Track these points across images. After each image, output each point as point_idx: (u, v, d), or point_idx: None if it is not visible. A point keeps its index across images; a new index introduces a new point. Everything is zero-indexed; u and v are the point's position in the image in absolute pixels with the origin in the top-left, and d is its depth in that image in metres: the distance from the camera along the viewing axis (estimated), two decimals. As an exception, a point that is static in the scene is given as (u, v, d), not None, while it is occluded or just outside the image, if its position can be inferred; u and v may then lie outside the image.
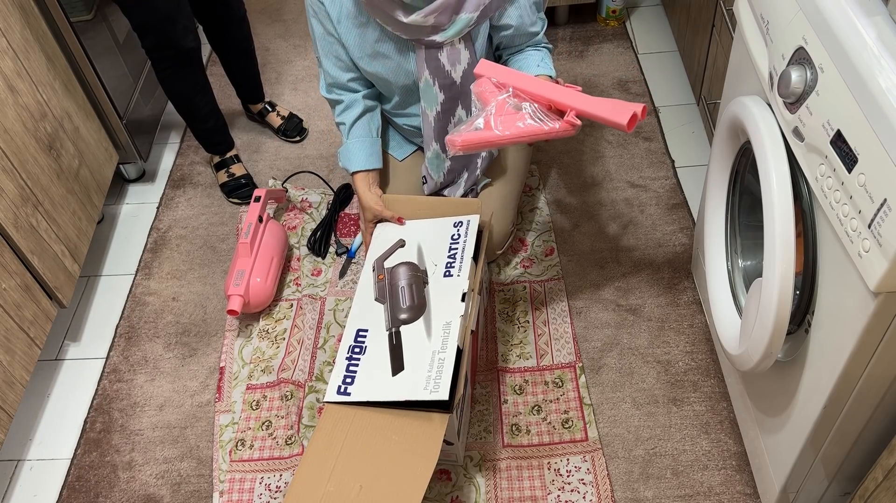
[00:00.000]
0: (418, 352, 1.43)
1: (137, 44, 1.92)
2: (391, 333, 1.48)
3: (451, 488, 1.53)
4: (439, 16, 1.48)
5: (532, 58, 1.65)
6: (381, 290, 1.57)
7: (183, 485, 1.61)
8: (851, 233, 0.95)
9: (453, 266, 1.56)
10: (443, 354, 1.40)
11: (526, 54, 1.66)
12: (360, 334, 1.50)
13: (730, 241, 1.45)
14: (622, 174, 2.08)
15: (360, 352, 1.47)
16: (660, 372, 1.67)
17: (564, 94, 1.34)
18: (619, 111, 1.29)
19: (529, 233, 1.96)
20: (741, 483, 1.49)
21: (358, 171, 1.73)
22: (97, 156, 2.00)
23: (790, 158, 1.11)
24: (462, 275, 1.53)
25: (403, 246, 1.65)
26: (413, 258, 1.61)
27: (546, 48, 1.69)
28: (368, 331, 1.50)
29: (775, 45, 1.15)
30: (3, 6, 1.66)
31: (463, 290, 1.50)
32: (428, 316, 1.48)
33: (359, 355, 1.46)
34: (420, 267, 1.59)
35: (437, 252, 1.60)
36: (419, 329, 1.47)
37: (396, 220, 1.70)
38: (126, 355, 1.84)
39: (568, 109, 1.34)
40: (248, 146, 2.32)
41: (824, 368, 1.09)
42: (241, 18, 2.09)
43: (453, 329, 1.44)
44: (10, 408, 1.58)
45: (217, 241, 2.07)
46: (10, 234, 1.59)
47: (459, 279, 1.53)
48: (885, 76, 0.89)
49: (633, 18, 2.60)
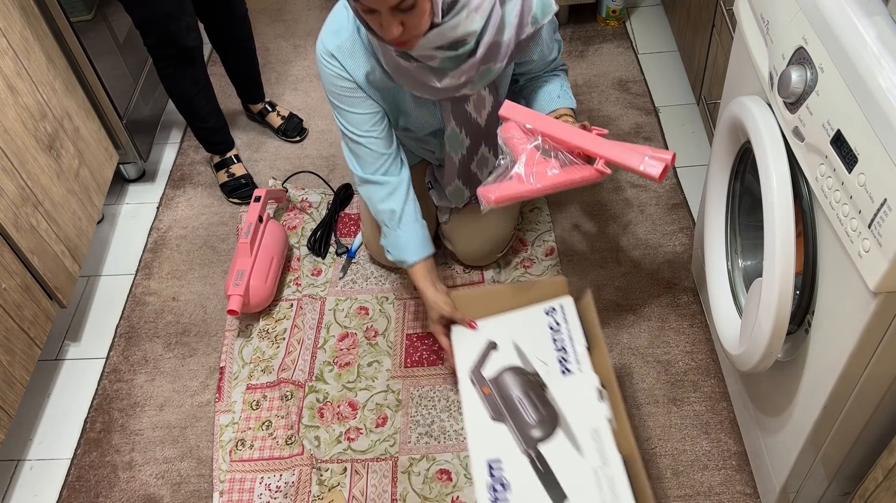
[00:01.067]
0: (575, 472, 1.21)
1: (137, 44, 1.92)
2: (532, 457, 1.25)
3: (451, 488, 1.53)
4: (469, 72, 1.40)
5: (552, 88, 1.58)
6: (495, 407, 1.34)
7: (183, 485, 1.61)
8: (851, 233, 0.95)
9: (568, 361, 1.35)
10: (607, 470, 1.19)
11: (545, 82, 1.59)
12: (494, 467, 1.26)
13: (730, 240, 1.45)
14: (622, 174, 2.08)
15: (505, 489, 1.23)
16: (660, 372, 1.67)
17: (593, 142, 1.31)
18: (650, 162, 1.26)
19: (529, 233, 1.96)
20: (741, 483, 1.49)
21: (417, 261, 1.56)
22: (97, 156, 2.00)
23: (790, 158, 1.11)
24: (584, 369, 1.33)
25: (496, 348, 1.44)
26: (514, 360, 1.39)
27: (563, 70, 1.63)
28: (501, 460, 1.26)
29: (775, 45, 1.15)
30: (3, 6, 1.66)
31: (596, 387, 1.29)
32: (566, 426, 1.26)
33: (505, 494, 1.22)
34: (527, 369, 1.37)
35: (539, 348, 1.39)
36: (563, 444, 1.24)
37: (468, 324, 1.52)
38: (126, 355, 1.84)
39: (598, 157, 1.30)
40: (248, 146, 2.32)
41: (824, 368, 1.09)
42: (243, 17, 2.09)
43: (605, 436, 1.22)
44: (10, 408, 1.58)
45: (217, 241, 2.07)
46: (10, 233, 1.59)
47: (584, 375, 1.32)
48: (885, 76, 0.89)
49: (633, 18, 2.60)
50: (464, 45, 1.34)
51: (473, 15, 1.29)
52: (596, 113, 2.26)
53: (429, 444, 1.60)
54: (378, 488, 1.54)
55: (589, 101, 2.30)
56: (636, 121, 2.22)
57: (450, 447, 1.59)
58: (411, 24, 1.24)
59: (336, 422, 1.66)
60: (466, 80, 1.42)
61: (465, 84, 1.43)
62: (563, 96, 1.57)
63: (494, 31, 1.35)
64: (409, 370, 1.72)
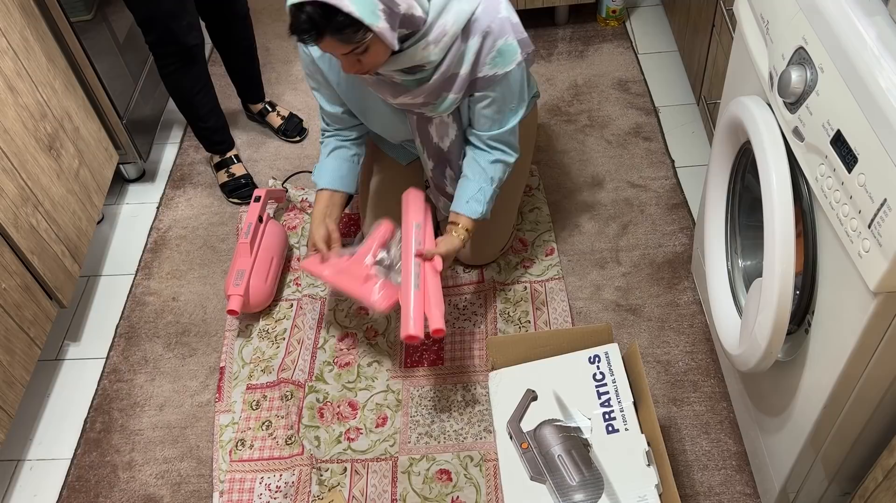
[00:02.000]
0: None
1: (137, 44, 1.92)
2: None
3: (451, 488, 1.53)
4: (426, 95, 1.46)
5: (469, 188, 1.58)
6: (534, 465, 1.25)
7: (183, 485, 1.61)
8: (851, 233, 0.95)
9: (613, 417, 1.25)
10: None
11: (472, 172, 1.58)
12: None
13: (730, 241, 1.45)
14: (622, 174, 2.08)
15: None
16: (660, 372, 1.67)
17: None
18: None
19: (529, 233, 1.96)
20: (741, 483, 1.49)
21: (323, 188, 1.67)
22: (97, 156, 2.00)
23: (790, 158, 1.11)
24: (631, 428, 1.24)
25: (536, 399, 1.34)
26: (555, 413, 1.30)
27: (502, 163, 1.59)
28: None
29: (775, 45, 1.15)
30: (3, 6, 1.66)
31: (644, 450, 1.21)
32: (611, 492, 1.18)
33: None
34: (568, 424, 1.28)
35: (582, 401, 1.30)
36: None
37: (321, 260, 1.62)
38: (126, 355, 1.84)
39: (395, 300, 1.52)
40: (248, 146, 2.32)
41: (824, 368, 1.09)
42: (244, 16, 2.10)
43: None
44: (10, 408, 1.58)
45: (217, 241, 2.07)
46: (10, 233, 1.59)
47: (630, 434, 1.23)
48: (885, 76, 0.89)
49: (633, 18, 2.60)
50: (421, 71, 1.41)
51: (431, 47, 1.36)
52: (596, 113, 2.26)
53: (429, 444, 1.60)
54: (378, 488, 1.54)
55: (589, 101, 2.30)
56: (636, 121, 2.22)
57: (450, 447, 1.59)
58: (368, 62, 1.32)
59: (336, 422, 1.66)
60: (424, 102, 1.47)
61: (423, 104, 1.49)
62: (471, 203, 1.58)
63: (452, 63, 1.41)
64: (409, 370, 1.72)
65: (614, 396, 1.30)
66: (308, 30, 1.24)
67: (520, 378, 1.41)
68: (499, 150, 1.58)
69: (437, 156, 1.65)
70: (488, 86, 1.47)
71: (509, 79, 1.47)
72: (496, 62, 1.43)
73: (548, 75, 2.40)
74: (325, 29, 1.24)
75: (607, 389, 1.31)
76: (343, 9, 1.21)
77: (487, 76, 1.45)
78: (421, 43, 1.35)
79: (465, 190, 1.60)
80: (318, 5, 1.22)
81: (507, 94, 1.50)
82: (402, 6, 1.27)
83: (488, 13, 1.40)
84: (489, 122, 1.54)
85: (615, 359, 1.35)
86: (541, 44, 2.52)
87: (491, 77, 1.45)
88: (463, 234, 1.58)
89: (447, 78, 1.43)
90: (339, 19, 1.23)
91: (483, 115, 1.53)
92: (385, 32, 1.26)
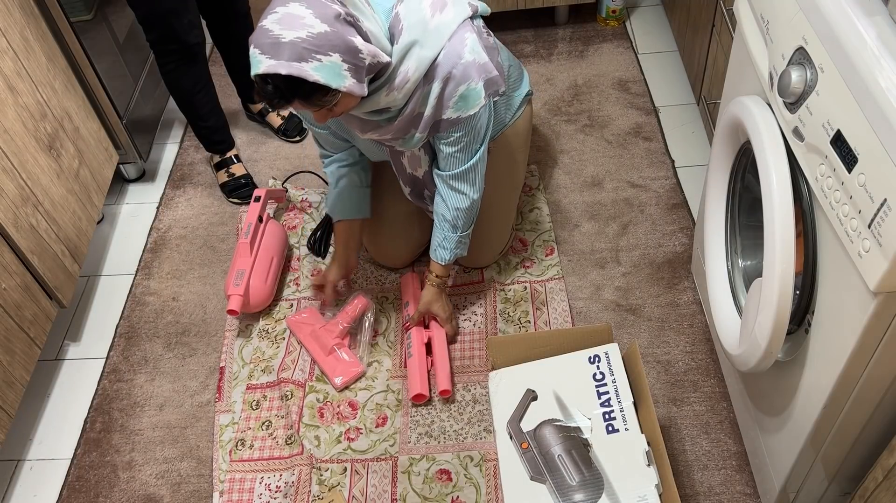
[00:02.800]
0: None
1: (137, 43, 1.92)
2: None
3: (451, 488, 1.53)
4: (395, 134, 1.47)
5: (437, 233, 1.63)
6: (534, 465, 1.26)
7: (183, 485, 1.61)
8: (851, 233, 0.95)
9: (613, 417, 1.26)
10: None
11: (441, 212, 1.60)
12: None
13: (730, 241, 1.45)
14: (622, 174, 2.08)
15: None
16: (660, 372, 1.67)
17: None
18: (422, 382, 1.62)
19: (529, 233, 1.96)
20: (741, 483, 1.49)
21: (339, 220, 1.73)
22: (97, 156, 2.00)
23: (790, 158, 1.11)
24: (631, 428, 1.25)
25: (536, 399, 1.35)
26: (555, 412, 1.31)
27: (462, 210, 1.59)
28: None
29: (775, 45, 1.15)
30: (3, 6, 1.66)
31: (644, 450, 1.22)
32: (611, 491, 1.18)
33: None
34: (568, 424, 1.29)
35: (582, 401, 1.31)
36: None
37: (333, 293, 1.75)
38: (126, 355, 1.84)
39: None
40: (248, 146, 2.32)
41: (824, 368, 1.09)
42: (245, 14, 2.10)
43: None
44: (10, 408, 1.58)
45: (217, 241, 2.07)
46: (10, 233, 1.59)
47: (630, 434, 1.24)
48: (885, 76, 0.89)
49: (633, 18, 2.60)
50: (387, 112, 1.43)
51: (395, 93, 1.37)
52: (596, 113, 2.26)
53: (429, 444, 1.60)
54: (378, 488, 1.54)
55: (589, 100, 2.30)
56: (636, 121, 2.22)
57: (449, 447, 1.59)
58: (339, 111, 1.33)
59: (336, 421, 1.66)
60: (393, 138, 1.49)
61: (392, 139, 1.50)
62: (438, 250, 1.64)
63: (417, 105, 1.42)
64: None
65: (614, 396, 1.31)
66: (276, 98, 1.25)
67: (520, 378, 1.42)
68: (461, 194, 1.57)
69: (412, 182, 1.68)
70: (452, 126, 1.47)
71: (473, 122, 1.47)
72: (458, 106, 1.43)
73: (548, 75, 2.40)
74: (293, 97, 1.25)
75: (607, 389, 1.31)
76: (308, 79, 1.21)
77: (451, 118, 1.45)
78: (384, 89, 1.36)
79: (434, 237, 1.65)
80: (282, 78, 1.21)
81: (471, 135, 1.50)
82: (366, 59, 1.27)
83: (450, 59, 1.38)
84: (452, 161, 1.54)
85: (615, 359, 1.36)
86: (541, 44, 2.52)
87: (455, 120, 1.45)
88: (435, 281, 1.67)
89: (414, 117, 1.44)
90: (305, 88, 1.23)
91: (447, 154, 1.53)
92: (353, 87, 1.26)
